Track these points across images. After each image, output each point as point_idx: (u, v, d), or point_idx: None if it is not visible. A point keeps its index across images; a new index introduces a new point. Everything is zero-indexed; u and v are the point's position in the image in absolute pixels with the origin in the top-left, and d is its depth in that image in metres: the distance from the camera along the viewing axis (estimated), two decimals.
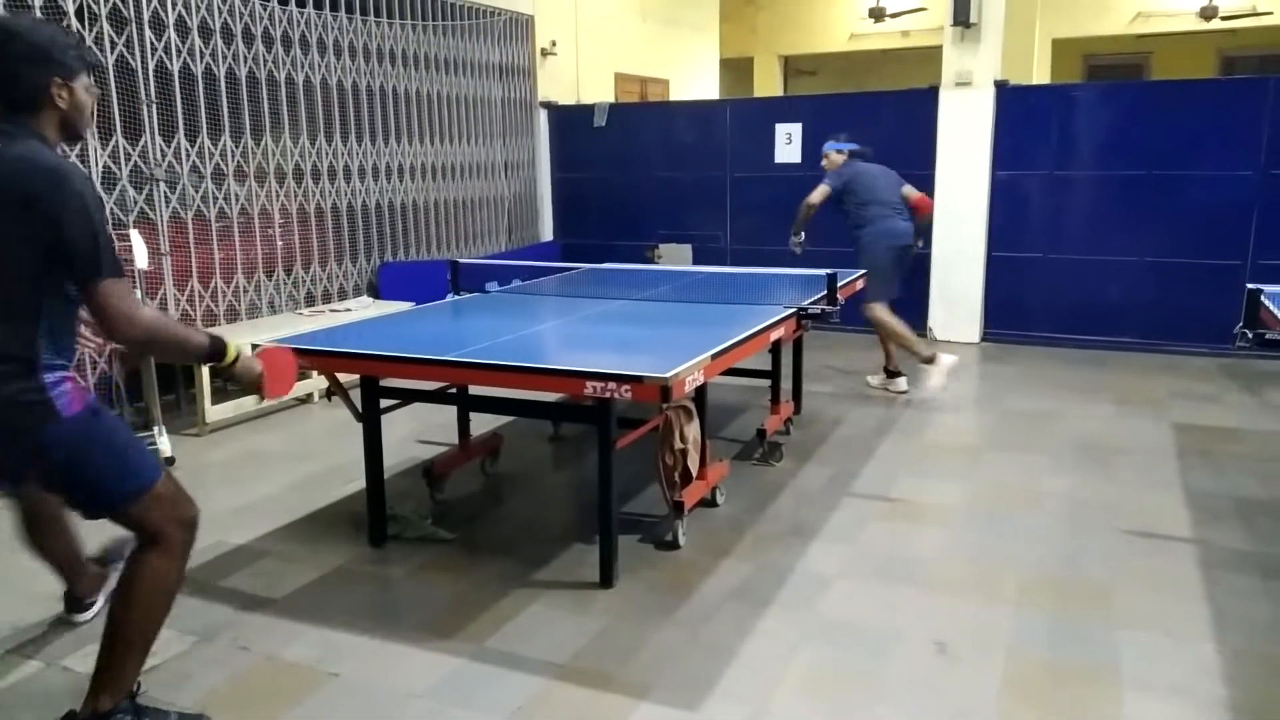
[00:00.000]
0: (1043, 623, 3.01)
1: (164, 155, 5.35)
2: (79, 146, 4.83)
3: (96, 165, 4.93)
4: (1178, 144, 6.66)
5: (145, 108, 5.17)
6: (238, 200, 5.87)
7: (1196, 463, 4.50)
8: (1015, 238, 7.18)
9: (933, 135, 7.19)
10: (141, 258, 4.67)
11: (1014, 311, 7.26)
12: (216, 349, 2.32)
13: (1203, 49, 12.93)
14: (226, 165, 5.76)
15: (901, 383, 5.89)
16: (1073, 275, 7.07)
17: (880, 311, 5.70)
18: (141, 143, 5.18)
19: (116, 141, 5.03)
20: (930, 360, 5.70)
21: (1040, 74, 12.14)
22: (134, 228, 4.93)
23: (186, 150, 5.49)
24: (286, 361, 2.60)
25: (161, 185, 5.28)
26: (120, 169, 5.07)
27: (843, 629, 2.98)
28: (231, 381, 2.48)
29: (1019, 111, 7.07)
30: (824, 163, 6.03)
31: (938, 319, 7.39)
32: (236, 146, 5.82)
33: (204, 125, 5.58)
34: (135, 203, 5.17)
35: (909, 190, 5.82)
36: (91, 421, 2.23)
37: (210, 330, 2.43)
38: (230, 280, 5.86)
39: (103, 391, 5.06)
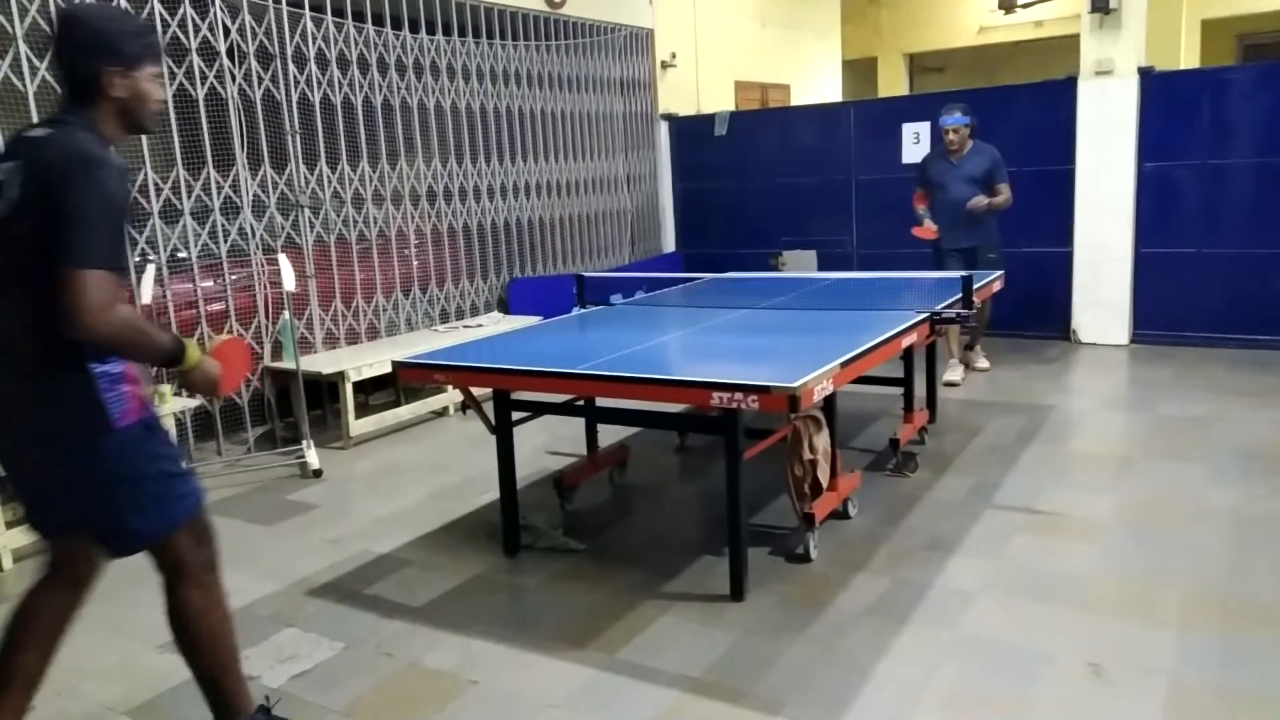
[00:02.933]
0: (1209, 645, 2.80)
1: (307, 182, 5.64)
2: (231, 176, 5.16)
3: (247, 194, 5.25)
4: None
5: (290, 138, 5.47)
6: (376, 223, 6.13)
7: None
8: (1166, 232, 6.75)
9: (1072, 128, 6.85)
10: (289, 280, 4.94)
11: (1166, 311, 6.82)
12: (175, 352, 2.09)
13: None
14: (365, 190, 6.04)
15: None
16: (1232, 270, 6.59)
17: None
18: (287, 171, 5.49)
19: (264, 171, 5.35)
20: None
21: (1189, 58, 11.41)
22: (282, 252, 5.22)
23: (328, 177, 5.78)
24: (236, 353, 2.35)
25: (306, 211, 5.57)
26: (269, 197, 5.38)
27: (987, 648, 2.85)
28: (186, 384, 2.21)
29: (1166, 99, 6.65)
30: (955, 137, 5.97)
31: (1082, 320, 7.02)
32: (373, 171, 6.09)
33: (343, 152, 5.86)
34: (283, 229, 5.47)
35: None
36: (142, 438, 2.07)
37: (178, 335, 2.20)
38: (370, 299, 6.12)
39: (255, 408, 5.37)
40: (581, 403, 4.06)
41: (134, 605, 3.46)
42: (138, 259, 4.77)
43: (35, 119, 4.54)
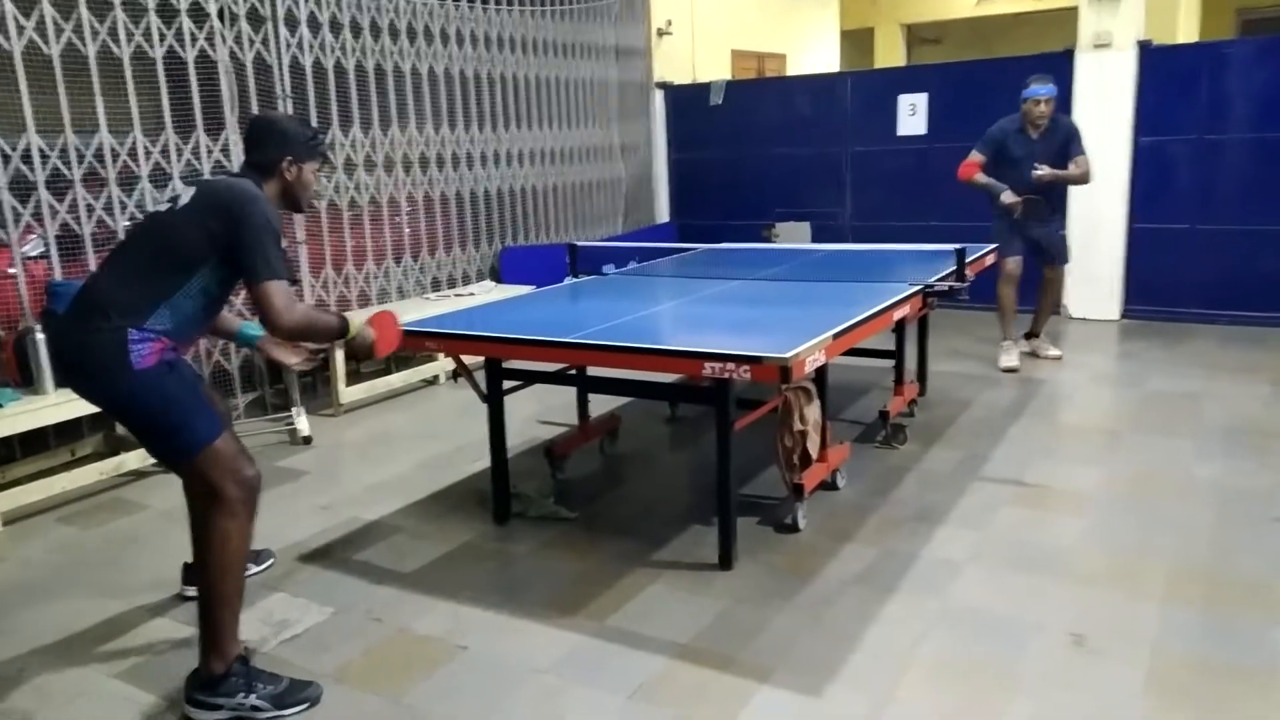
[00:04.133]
0: (1192, 617, 2.83)
1: None
2: (221, 140, 5.10)
3: (237, 159, 5.18)
4: None
5: (281, 102, 5.41)
6: (367, 189, 6.08)
7: None
8: (1160, 208, 6.75)
9: (1068, 101, 6.81)
10: None
11: (1158, 286, 6.84)
12: (344, 327, 2.74)
13: None
14: (356, 156, 5.98)
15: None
16: (1225, 246, 6.60)
17: None
18: None
19: None
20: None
21: (1187, 32, 11.34)
22: None
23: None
24: (389, 322, 3.01)
25: None
26: None
27: (973, 618, 2.88)
28: (350, 352, 2.98)
29: (1164, 73, 6.62)
30: (1044, 109, 5.51)
31: (1074, 295, 7.03)
32: (365, 137, 6.03)
33: (335, 117, 5.80)
34: None
35: None
36: (159, 374, 2.48)
37: (341, 314, 2.84)
38: (361, 267, 6.09)
39: (245, 374, 5.35)
40: (573, 372, 4.06)
41: (123, 568, 3.48)
42: (128, 223, 4.73)
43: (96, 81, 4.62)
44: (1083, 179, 5.61)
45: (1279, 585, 3.00)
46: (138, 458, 4.34)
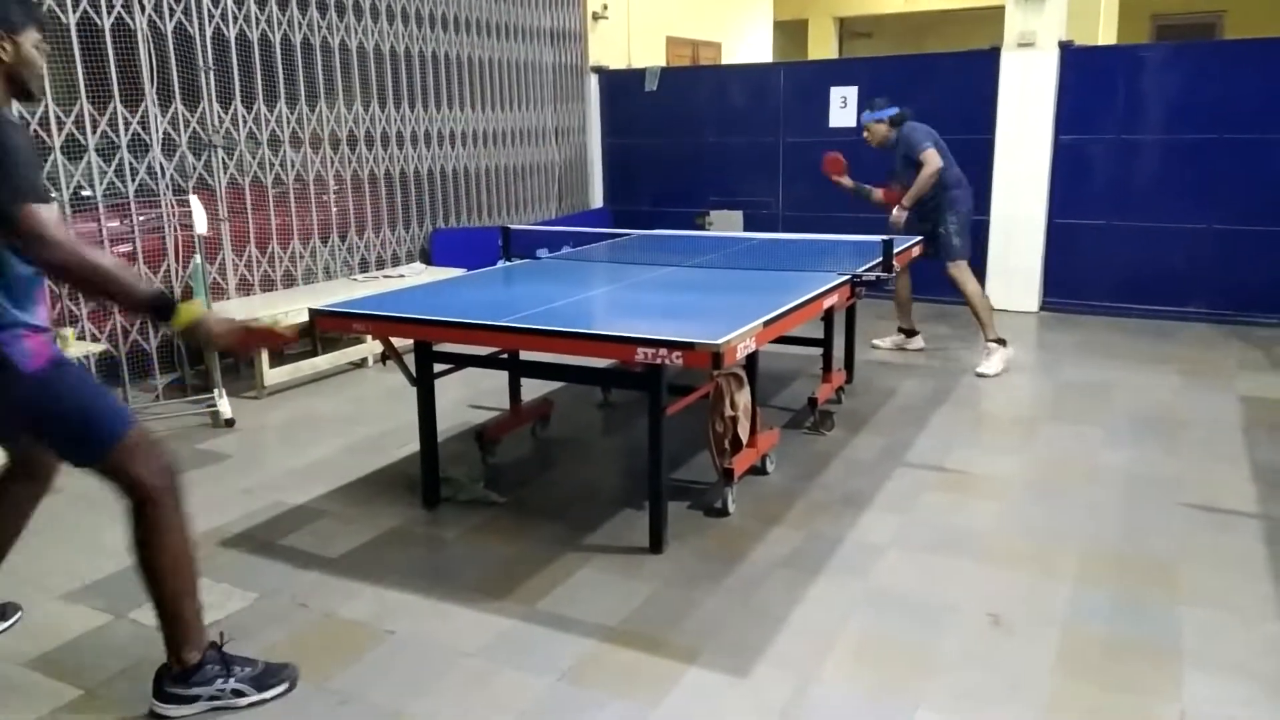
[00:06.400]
0: (1101, 598, 2.96)
1: (221, 122, 5.42)
2: (140, 112, 4.92)
3: (157, 132, 5.02)
4: (1251, 106, 6.40)
5: (203, 74, 5.24)
6: (293, 167, 5.93)
7: (1264, 437, 4.36)
8: (1078, 204, 6.99)
9: (993, 98, 7.00)
10: (201, 223, 4.76)
11: (1075, 280, 7.08)
12: (160, 306, 2.21)
13: None
14: (282, 132, 5.83)
15: (919, 340, 6.13)
16: (1137, 243, 6.86)
17: (968, 271, 5.65)
18: (200, 109, 5.26)
19: (175, 108, 5.11)
20: (1000, 342, 5.59)
21: (1106, 34, 11.71)
22: (193, 194, 5.02)
23: (243, 117, 5.56)
24: (258, 337, 2.54)
25: (219, 152, 5.35)
26: (180, 135, 5.15)
27: (895, 599, 2.96)
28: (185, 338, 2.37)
29: (1084, 74, 6.84)
30: (867, 135, 5.71)
31: (994, 287, 7.21)
32: (292, 113, 5.88)
33: (260, 92, 5.64)
34: (194, 169, 5.25)
35: None
36: (55, 375, 2.24)
37: (163, 291, 2.41)
38: (287, 246, 5.95)
39: (164, 354, 5.19)
40: (505, 356, 4.03)
41: (34, 554, 3.35)
42: None
43: None
44: (928, 179, 5.45)
45: (1183, 566, 3.15)
46: None
